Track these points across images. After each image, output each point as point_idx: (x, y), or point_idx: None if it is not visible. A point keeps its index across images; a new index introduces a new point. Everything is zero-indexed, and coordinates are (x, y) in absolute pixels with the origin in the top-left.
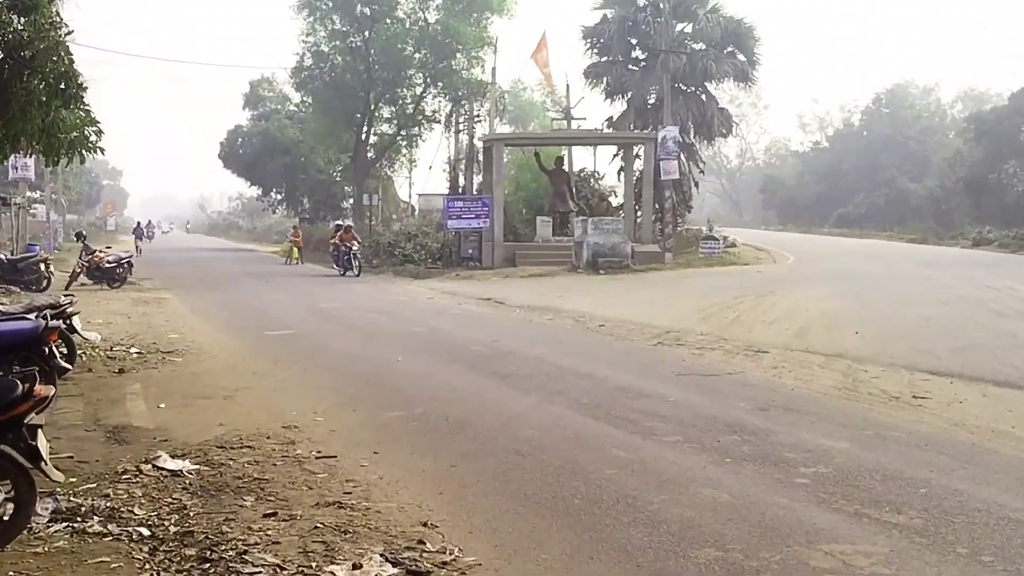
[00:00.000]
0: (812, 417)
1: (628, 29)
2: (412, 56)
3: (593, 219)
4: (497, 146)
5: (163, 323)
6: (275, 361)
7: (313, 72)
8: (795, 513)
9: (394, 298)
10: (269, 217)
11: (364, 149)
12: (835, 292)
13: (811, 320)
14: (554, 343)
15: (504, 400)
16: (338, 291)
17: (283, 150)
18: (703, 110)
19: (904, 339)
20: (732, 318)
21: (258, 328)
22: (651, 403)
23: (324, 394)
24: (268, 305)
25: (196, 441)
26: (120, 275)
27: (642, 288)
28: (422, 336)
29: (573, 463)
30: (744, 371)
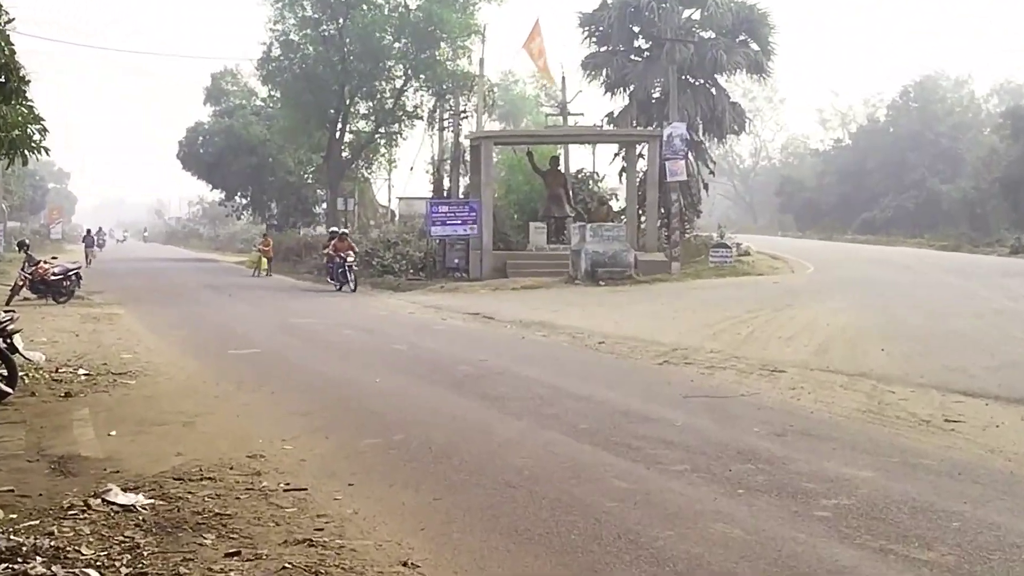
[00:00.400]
0: (833, 443)
1: (630, 16)
2: (391, 46)
3: (592, 225)
4: (486, 144)
5: (115, 341)
6: (239, 383)
7: (282, 63)
8: (815, 549)
9: (372, 313)
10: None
11: (338, 148)
12: (859, 304)
13: (832, 336)
14: (549, 362)
15: (493, 425)
16: (310, 305)
17: (248, 150)
18: (713, 104)
19: (935, 356)
20: (745, 334)
21: (220, 347)
22: (656, 428)
23: (294, 420)
24: (232, 321)
25: (151, 472)
26: (67, 288)
27: (646, 301)
28: (403, 355)
29: (569, 495)
30: (758, 392)
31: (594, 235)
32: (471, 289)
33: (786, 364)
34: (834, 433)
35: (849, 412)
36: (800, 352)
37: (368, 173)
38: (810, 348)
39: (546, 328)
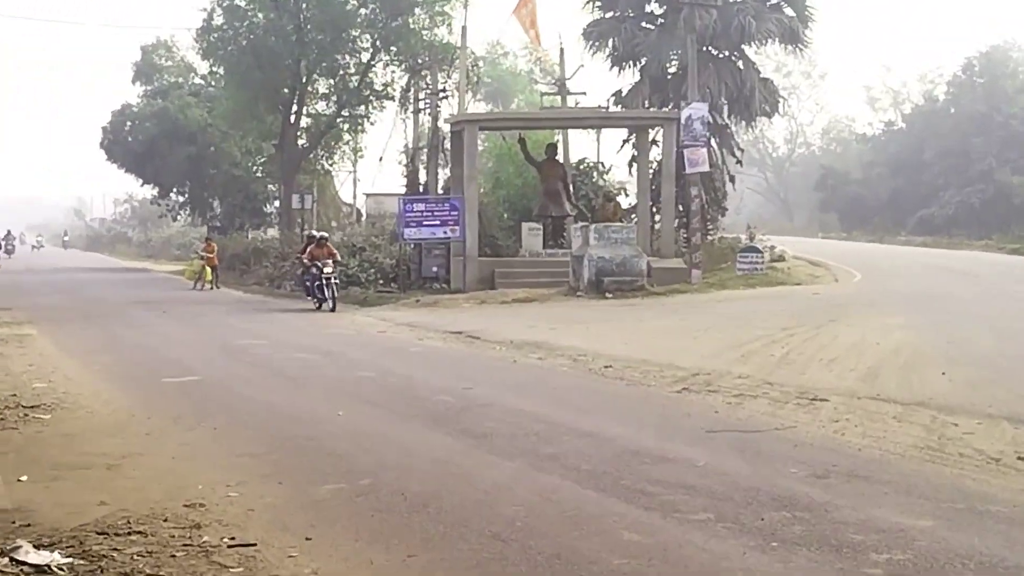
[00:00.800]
0: (885, 486)
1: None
2: (356, 12)
3: (597, 226)
4: (469, 130)
5: (26, 368)
6: (175, 418)
7: (226, 34)
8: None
9: (335, 332)
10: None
11: (294, 135)
12: (915, 321)
13: (883, 358)
14: (546, 391)
15: (480, 468)
16: (260, 324)
17: (186, 137)
18: (740, 81)
19: (1006, 382)
20: (780, 355)
21: (153, 374)
22: (674, 470)
23: (240, 462)
24: (167, 344)
25: (69, 526)
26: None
27: (662, 317)
28: (371, 383)
29: (571, 551)
30: (796, 426)
31: (599, 238)
32: (452, 303)
33: (828, 392)
34: (886, 474)
35: (904, 449)
36: (845, 377)
37: (329, 165)
38: (857, 372)
39: (543, 350)
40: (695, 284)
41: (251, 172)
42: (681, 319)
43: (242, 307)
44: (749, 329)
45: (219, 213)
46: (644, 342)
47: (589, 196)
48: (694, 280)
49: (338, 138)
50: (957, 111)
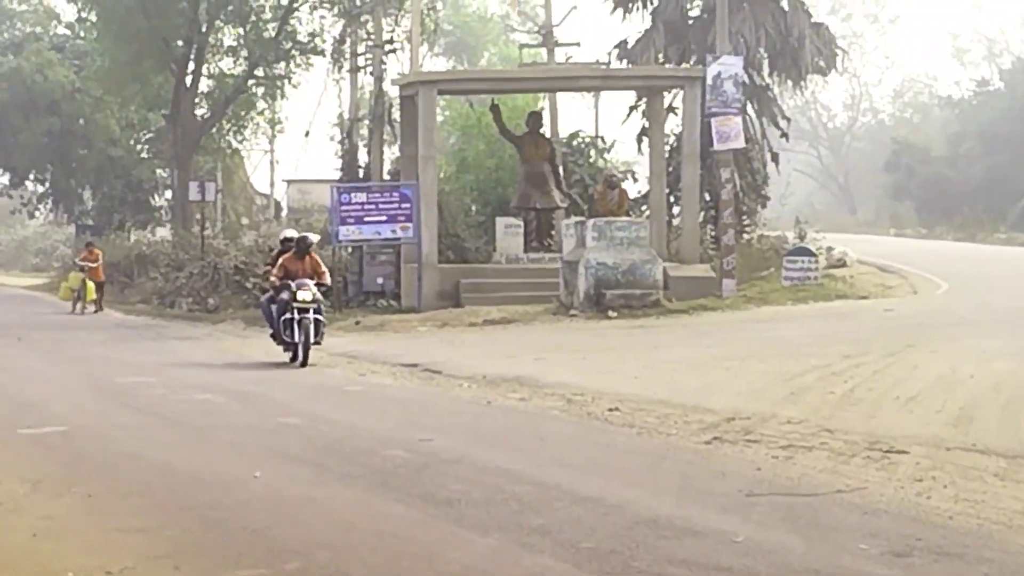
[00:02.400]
0: (986, 566)
1: None
2: None
3: (596, 222)
4: (425, 93)
5: None
6: (35, 482)
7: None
8: None
9: (247, 365)
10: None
11: (191, 103)
12: (1021, 346)
13: (980, 395)
14: (532, 443)
15: (445, 546)
16: (149, 355)
17: (47, 106)
18: (785, 28)
19: None
20: (842, 393)
21: (5, 424)
22: (703, 546)
23: (124, 539)
24: (25, 382)
25: None
26: None
27: (684, 343)
28: (297, 434)
29: None
30: (866, 487)
31: (600, 237)
32: (405, 325)
33: (908, 441)
34: (986, 551)
35: (1009, 516)
36: (930, 422)
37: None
38: (945, 415)
39: (526, 388)
40: (727, 298)
41: (134, 152)
42: (709, 346)
43: (124, 333)
44: (800, 358)
45: (91, 208)
46: (661, 377)
47: (585, 182)
48: (726, 293)
49: (250, 106)
50: None
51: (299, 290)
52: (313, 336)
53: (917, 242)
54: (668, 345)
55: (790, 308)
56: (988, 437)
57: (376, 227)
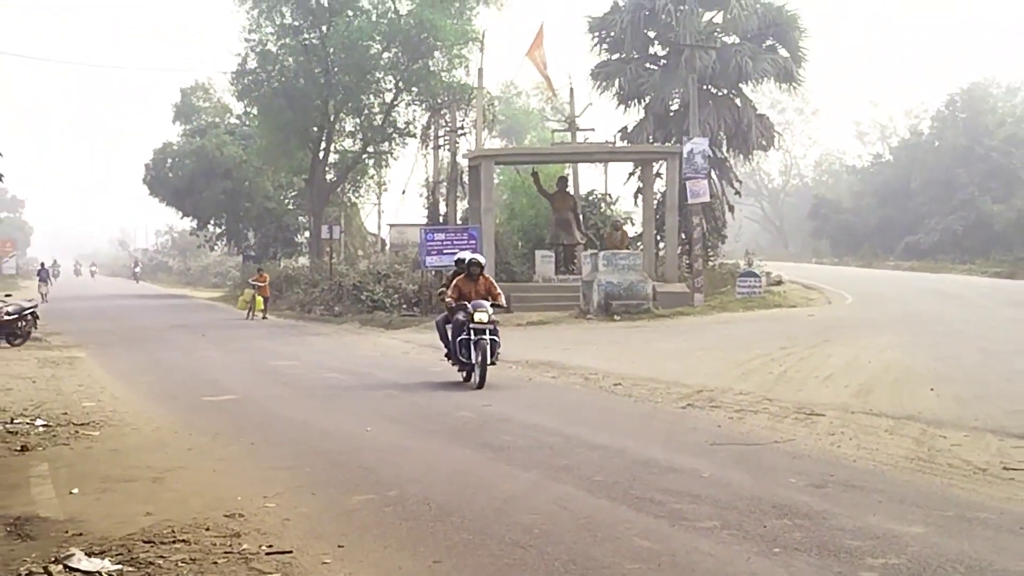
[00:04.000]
0: (879, 495)
1: (644, 20)
2: (380, 56)
3: (605, 253)
4: (486, 164)
5: (76, 388)
6: (215, 435)
7: (259, 77)
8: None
9: (362, 353)
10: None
11: (322, 170)
12: (904, 340)
13: (875, 375)
14: (559, 407)
15: (499, 479)
16: (292, 346)
17: (223, 173)
18: (738, 117)
19: (992, 398)
20: (778, 373)
21: (193, 394)
22: (681, 480)
23: (276, 475)
24: (205, 365)
25: (118, 535)
26: (23, 330)
27: (667, 338)
28: (397, 401)
29: (585, 556)
30: (794, 439)
31: (608, 264)
32: None
33: (824, 407)
34: (879, 484)
35: (896, 460)
36: (840, 393)
37: (356, 197)
38: (851, 389)
39: (555, 369)
40: (697, 307)
41: (283, 205)
42: (685, 340)
43: (276, 331)
44: (749, 349)
45: (253, 243)
46: (651, 362)
47: (598, 225)
48: (696, 303)
49: (364, 172)
50: (941, 144)
51: (476, 311)
52: (489, 356)
53: (831, 268)
54: (656, 340)
55: (742, 314)
56: (881, 404)
57: (453, 257)
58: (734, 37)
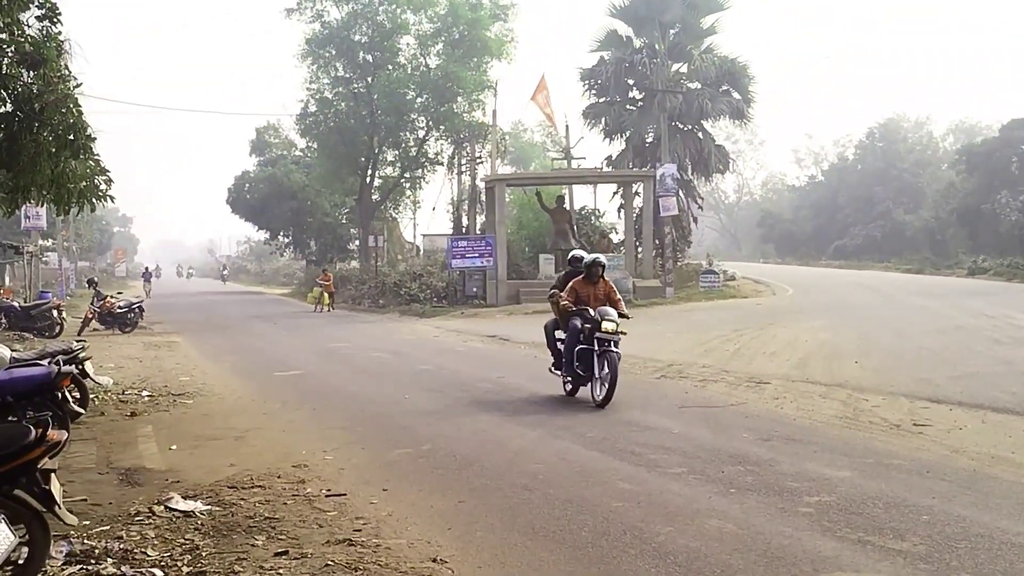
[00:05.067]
0: (814, 447)
1: (625, 70)
2: (414, 100)
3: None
4: (499, 186)
5: (174, 366)
6: (284, 402)
7: (317, 118)
8: (800, 542)
9: (401, 337)
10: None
11: (369, 192)
12: (834, 323)
13: (811, 351)
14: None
15: (511, 436)
16: (345, 331)
17: (289, 194)
18: (700, 147)
19: (903, 368)
20: (733, 350)
21: (267, 369)
22: (655, 436)
23: (333, 433)
24: (276, 347)
25: (207, 482)
26: (131, 320)
27: (644, 323)
28: (429, 374)
29: (579, 497)
30: (746, 402)
31: None
32: (488, 314)
33: (770, 377)
34: (814, 438)
35: (827, 419)
36: (782, 366)
37: (395, 213)
38: (791, 362)
39: None
40: (669, 298)
41: (338, 219)
42: (658, 324)
43: (333, 320)
44: (709, 331)
45: (314, 250)
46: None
47: (589, 234)
48: (668, 295)
49: (402, 193)
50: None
51: (604, 320)
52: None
53: (776, 267)
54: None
55: (704, 303)
56: (815, 374)
57: (472, 259)
58: (696, 83)
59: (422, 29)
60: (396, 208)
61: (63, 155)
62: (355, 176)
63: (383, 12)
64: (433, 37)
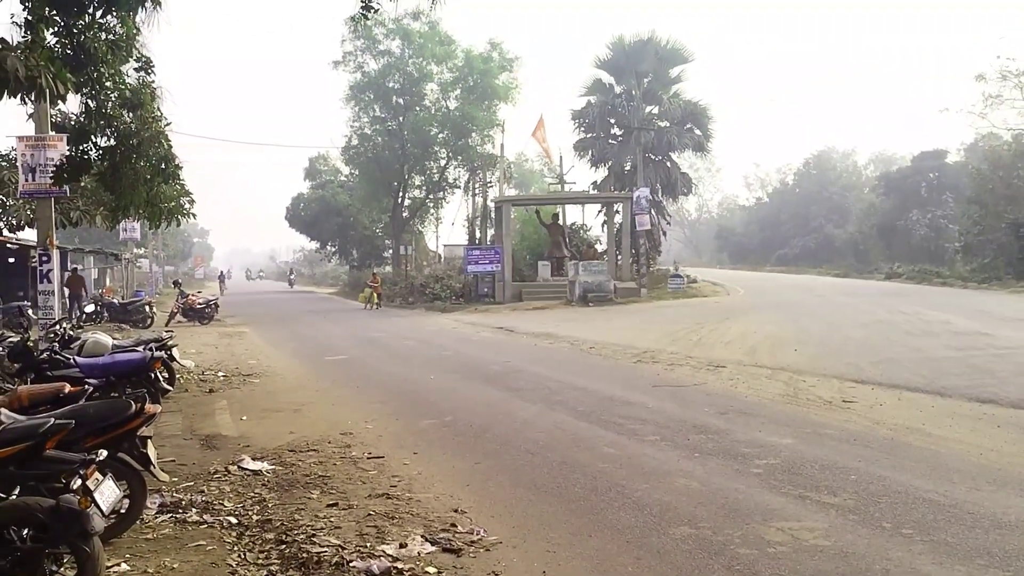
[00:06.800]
0: (762, 419)
1: (607, 111)
2: (437, 136)
3: (583, 262)
4: (505, 206)
5: (243, 352)
6: (333, 381)
7: (359, 150)
8: (751, 497)
9: (426, 328)
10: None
11: (400, 210)
12: (777, 318)
13: (759, 341)
14: (554, 362)
15: (516, 409)
16: (381, 323)
17: (336, 212)
18: (668, 174)
19: (834, 355)
20: (696, 340)
21: (319, 354)
22: (634, 409)
23: (373, 407)
24: (326, 336)
25: (271, 446)
26: (209, 314)
27: (623, 317)
28: (449, 358)
29: (572, 459)
30: (707, 383)
31: (584, 270)
32: (497, 310)
33: (726, 361)
34: (762, 412)
35: (773, 396)
36: (736, 353)
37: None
38: (743, 350)
39: (551, 338)
40: (643, 297)
41: (375, 232)
42: (635, 319)
43: (372, 315)
44: (676, 324)
45: (356, 257)
46: (613, 333)
47: (578, 245)
48: (642, 295)
49: (427, 211)
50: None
51: None
52: None
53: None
54: (616, 319)
55: (672, 302)
56: (763, 360)
57: (484, 266)
58: (666, 122)
59: (443, 78)
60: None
61: (156, 181)
62: (389, 197)
63: (412, 64)
64: (452, 84)
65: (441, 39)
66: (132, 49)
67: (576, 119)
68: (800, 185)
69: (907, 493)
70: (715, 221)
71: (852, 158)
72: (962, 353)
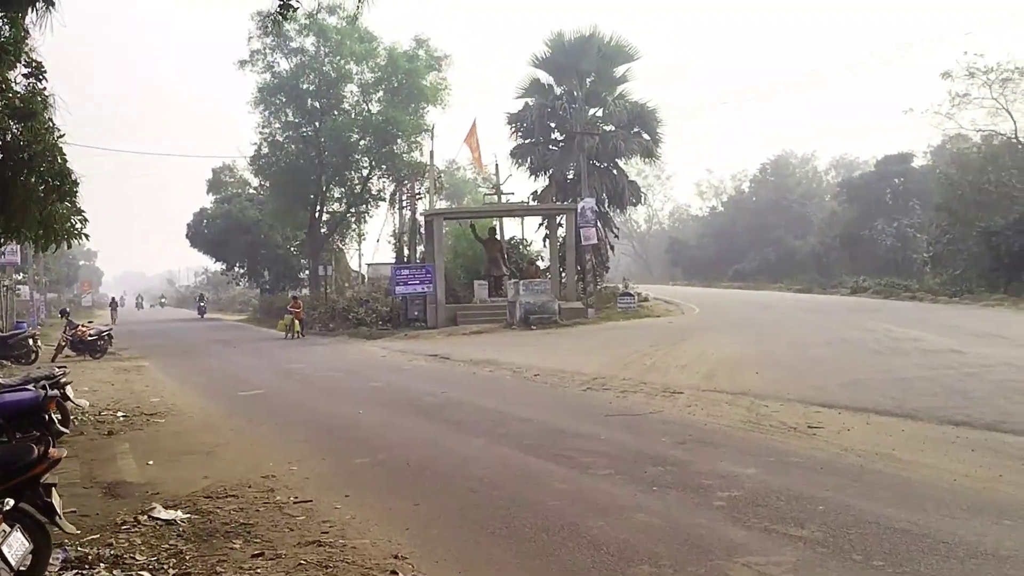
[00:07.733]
0: (724, 448)
1: (547, 115)
2: (358, 143)
3: (524, 281)
4: (436, 220)
5: (144, 388)
6: (249, 419)
7: (270, 159)
8: (715, 532)
9: (351, 357)
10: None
11: (318, 225)
12: (736, 339)
13: (717, 364)
14: (496, 392)
15: (457, 444)
16: (299, 353)
17: (244, 229)
18: (615, 183)
19: (798, 377)
20: (649, 364)
21: (231, 389)
22: (585, 441)
23: (297, 446)
24: (238, 369)
25: (184, 493)
26: (101, 347)
27: (570, 340)
28: (380, 390)
29: (521, 496)
30: (663, 410)
31: (526, 289)
32: (430, 336)
33: (683, 387)
34: (723, 440)
35: (734, 423)
36: (693, 377)
37: (342, 245)
38: (700, 374)
39: (492, 365)
40: (590, 318)
41: (289, 251)
42: (582, 342)
43: (286, 344)
44: (628, 347)
45: (268, 279)
46: (559, 358)
47: (518, 262)
48: (590, 316)
49: (348, 227)
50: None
51: None
52: None
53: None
54: (562, 343)
55: (622, 323)
56: (722, 384)
57: (414, 286)
58: (611, 126)
59: (364, 78)
60: (343, 240)
61: (51, 199)
62: (305, 211)
63: (328, 63)
64: (374, 85)
65: (361, 36)
66: (21, 53)
67: (513, 123)
68: (757, 193)
69: (878, 523)
70: (666, 233)
71: (812, 163)
72: (933, 372)
